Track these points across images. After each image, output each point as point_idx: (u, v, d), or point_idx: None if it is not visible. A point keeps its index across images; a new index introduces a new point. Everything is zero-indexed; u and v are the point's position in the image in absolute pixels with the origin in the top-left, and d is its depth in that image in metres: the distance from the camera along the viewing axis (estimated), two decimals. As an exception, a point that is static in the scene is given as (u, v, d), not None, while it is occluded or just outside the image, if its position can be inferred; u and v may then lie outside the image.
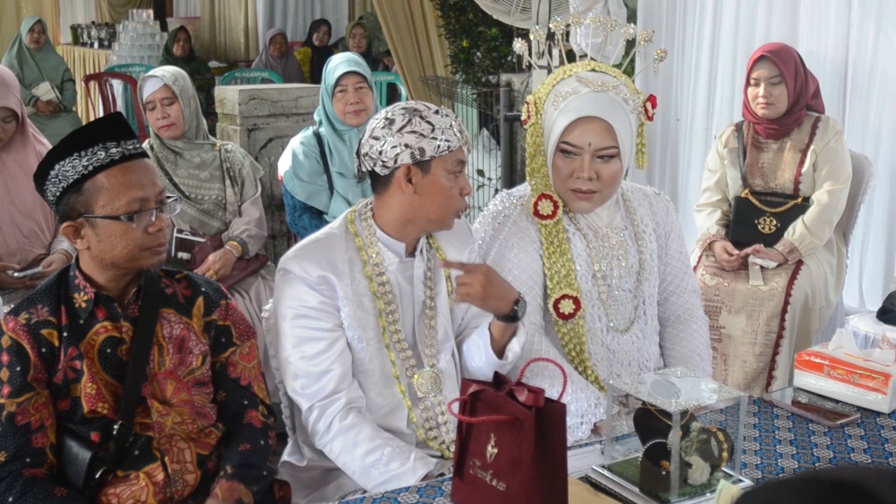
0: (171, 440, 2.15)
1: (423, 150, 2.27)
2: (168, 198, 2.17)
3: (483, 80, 6.90)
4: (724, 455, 1.94)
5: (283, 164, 4.17)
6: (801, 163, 3.87)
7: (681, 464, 1.89)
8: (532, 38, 2.75)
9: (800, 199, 3.88)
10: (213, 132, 4.75)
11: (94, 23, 14.49)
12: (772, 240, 3.87)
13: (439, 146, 2.28)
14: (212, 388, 2.25)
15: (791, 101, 3.85)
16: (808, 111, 3.91)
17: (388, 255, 2.38)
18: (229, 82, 8.74)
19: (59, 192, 2.08)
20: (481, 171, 6.06)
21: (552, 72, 2.65)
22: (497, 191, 5.46)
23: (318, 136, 4.12)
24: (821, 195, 3.84)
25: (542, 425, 1.77)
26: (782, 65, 3.81)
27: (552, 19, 2.75)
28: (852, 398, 2.38)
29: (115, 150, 2.07)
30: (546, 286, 2.58)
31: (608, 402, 2.10)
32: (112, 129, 2.10)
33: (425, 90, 7.13)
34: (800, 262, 3.85)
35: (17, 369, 2.05)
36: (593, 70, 2.54)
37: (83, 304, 2.12)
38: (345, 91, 4.02)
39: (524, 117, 2.60)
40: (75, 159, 2.05)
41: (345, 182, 4.04)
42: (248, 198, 4.13)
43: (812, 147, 3.85)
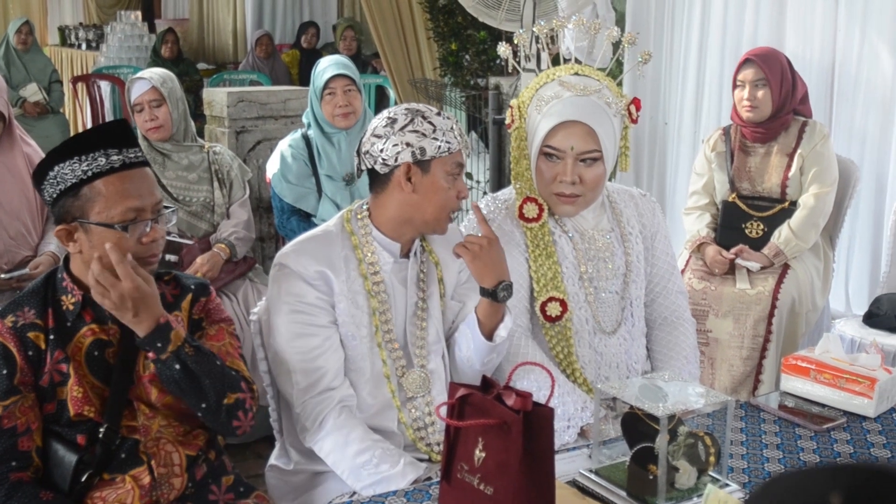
0: (157, 443, 2.14)
1: (423, 150, 2.29)
2: (166, 208, 2.16)
3: (472, 83, 6.91)
4: (712, 459, 1.94)
5: (272, 167, 4.16)
6: (789, 167, 3.88)
7: (668, 468, 1.90)
8: (517, 41, 2.76)
9: (787, 204, 3.89)
10: (201, 134, 4.73)
11: (81, 24, 14.44)
12: (759, 244, 3.89)
13: (440, 147, 2.29)
14: None
15: (776, 104, 3.86)
16: (795, 115, 3.92)
17: (383, 255, 2.39)
18: (217, 84, 8.72)
19: (56, 194, 2.07)
20: (470, 174, 6.06)
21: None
22: (485, 193, 5.46)
23: (306, 138, 4.12)
24: (807, 199, 3.85)
25: (530, 429, 1.77)
26: (767, 68, 3.82)
27: (536, 23, 2.75)
28: (839, 402, 2.39)
29: (115, 157, 2.06)
30: (532, 289, 2.58)
31: (595, 405, 2.10)
32: (115, 135, 2.09)
33: (414, 93, 7.12)
34: (786, 266, 3.86)
35: (4, 372, 2.04)
36: (576, 74, 2.54)
37: (70, 307, 2.11)
38: (333, 94, 4.02)
39: (508, 121, 2.61)
40: (75, 163, 2.04)
41: (333, 185, 4.04)
42: (237, 200, 4.12)
43: (799, 151, 3.87)
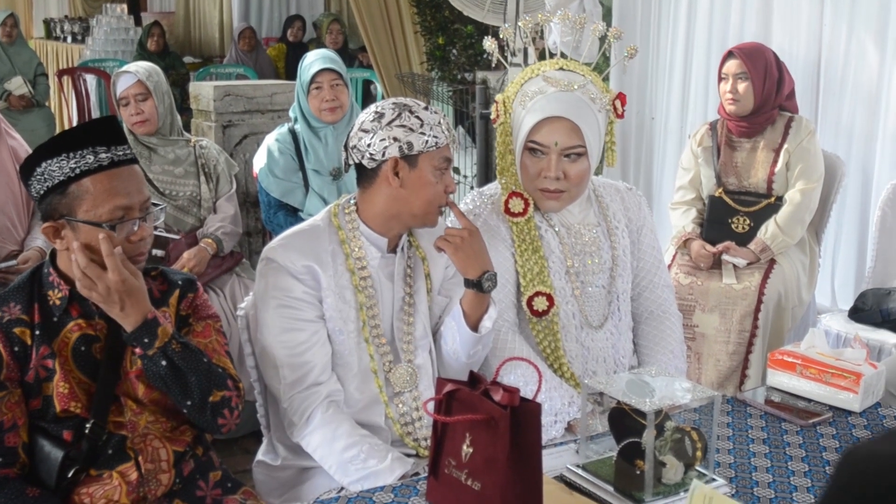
0: (145, 439, 2.14)
1: (411, 145, 2.28)
2: (154, 205, 2.15)
3: (459, 77, 6.90)
4: (698, 454, 1.95)
5: (259, 161, 4.15)
6: (775, 162, 3.89)
7: (655, 463, 1.90)
8: (502, 36, 2.75)
9: (773, 199, 3.90)
10: (187, 128, 4.71)
11: (67, 17, 14.36)
12: (745, 239, 3.90)
13: (427, 141, 2.29)
14: None
15: (758, 99, 3.86)
16: (781, 111, 3.93)
17: (371, 250, 2.39)
18: (204, 78, 8.70)
19: (43, 191, 2.06)
20: (457, 169, 6.05)
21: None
22: (472, 188, 5.46)
23: (293, 132, 4.10)
24: (793, 194, 3.86)
25: (518, 424, 1.77)
26: (749, 62, 3.83)
27: (521, 17, 2.75)
28: (824, 397, 2.40)
29: (104, 154, 2.05)
30: (519, 284, 2.59)
31: (582, 400, 2.11)
32: (104, 132, 2.08)
33: (401, 87, 7.12)
34: (773, 262, 3.87)
35: (-11, 368, 2.03)
36: (561, 69, 2.54)
37: (57, 302, 2.10)
38: (320, 88, 4.01)
39: (493, 116, 2.61)
40: (63, 160, 2.03)
41: (320, 179, 4.03)
42: (223, 194, 4.11)
43: (785, 146, 3.88)
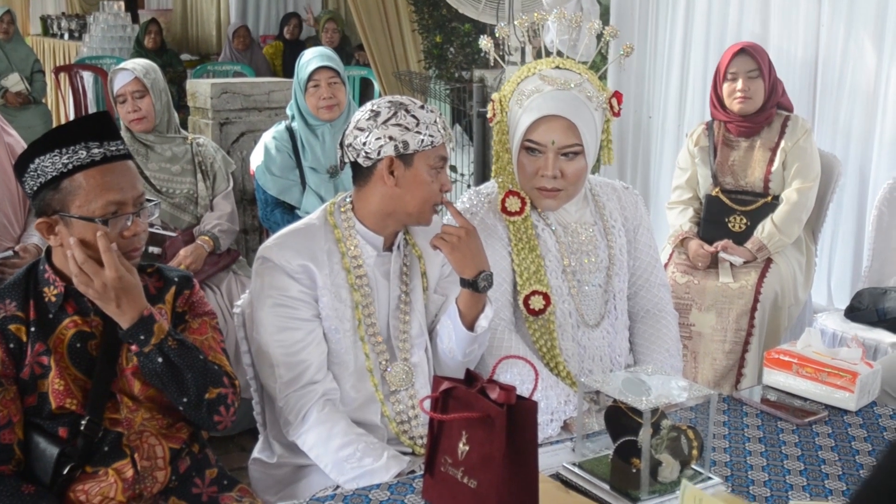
0: (141, 436, 2.13)
1: (406, 144, 2.28)
2: (149, 201, 2.15)
3: (456, 75, 6.90)
4: (695, 453, 1.95)
5: (256, 159, 4.15)
6: (771, 161, 3.89)
7: (651, 461, 1.90)
8: (498, 34, 2.75)
9: (770, 198, 3.90)
10: (184, 126, 4.71)
11: (64, 14, 14.36)
12: (742, 238, 3.90)
13: (423, 140, 2.29)
14: None
15: (767, 96, 3.87)
16: (777, 110, 3.94)
17: (367, 249, 2.39)
18: (201, 75, 8.69)
19: (36, 187, 2.06)
20: (454, 167, 6.06)
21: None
22: (469, 187, 5.46)
23: (290, 130, 4.10)
24: (790, 193, 3.86)
25: (514, 423, 1.77)
26: (760, 59, 3.85)
27: (518, 16, 2.74)
28: (820, 396, 2.40)
29: (97, 150, 2.05)
30: (515, 283, 2.59)
31: (579, 399, 2.11)
32: (97, 128, 2.07)
33: (398, 85, 7.12)
34: (769, 261, 3.87)
35: (-16, 366, 2.03)
36: (557, 67, 2.54)
37: (53, 298, 2.10)
38: (318, 86, 4.01)
39: (490, 115, 2.61)
40: (55, 156, 2.03)
41: (317, 177, 4.03)
42: (220, 192, 4.11)
43: (782, 145, 3.88)
